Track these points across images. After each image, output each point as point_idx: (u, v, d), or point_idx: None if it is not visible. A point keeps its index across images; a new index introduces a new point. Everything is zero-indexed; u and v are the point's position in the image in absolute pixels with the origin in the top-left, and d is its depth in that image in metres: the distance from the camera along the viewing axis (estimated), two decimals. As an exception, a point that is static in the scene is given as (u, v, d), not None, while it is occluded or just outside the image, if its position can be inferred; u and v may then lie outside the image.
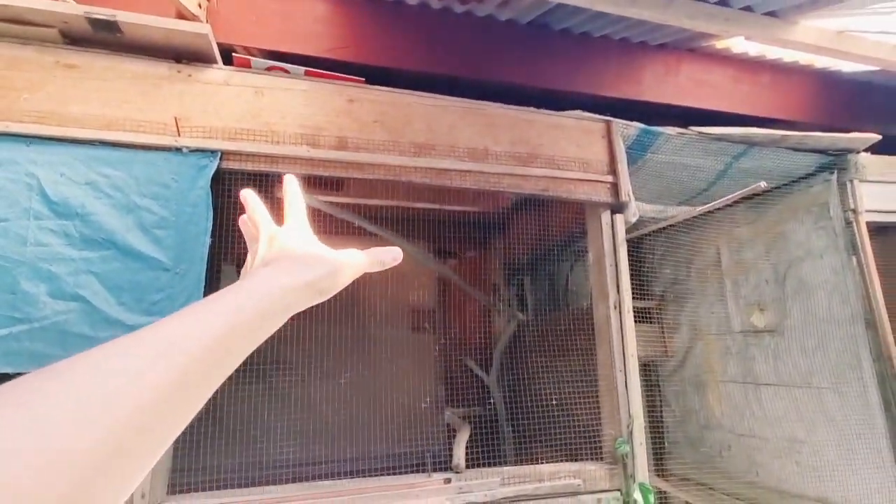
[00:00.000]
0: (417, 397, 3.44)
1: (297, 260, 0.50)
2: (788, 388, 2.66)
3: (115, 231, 1.59)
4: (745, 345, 2.97)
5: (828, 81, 2.88)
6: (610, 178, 2.16)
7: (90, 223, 1.57)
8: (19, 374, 0.30)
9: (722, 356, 3.16)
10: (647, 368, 3.81)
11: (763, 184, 1.77)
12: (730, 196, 1.98)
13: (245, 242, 0.59)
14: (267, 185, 1.87)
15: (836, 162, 2.47)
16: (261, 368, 2.53)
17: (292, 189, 0.59)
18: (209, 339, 0.37)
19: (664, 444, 3.63)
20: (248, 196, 0.59)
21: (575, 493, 1.87)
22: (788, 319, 2.66)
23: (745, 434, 2.97)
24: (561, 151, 2.13)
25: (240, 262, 0.59)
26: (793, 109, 2.85)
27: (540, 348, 3.25)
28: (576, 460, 2.05)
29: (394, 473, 1.80)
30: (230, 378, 0.41)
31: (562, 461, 1.99)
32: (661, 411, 3.70)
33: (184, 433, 0.38)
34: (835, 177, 2.44)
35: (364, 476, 1.77)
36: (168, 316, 0.38)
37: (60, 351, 1.49)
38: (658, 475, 3.47)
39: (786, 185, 2.70)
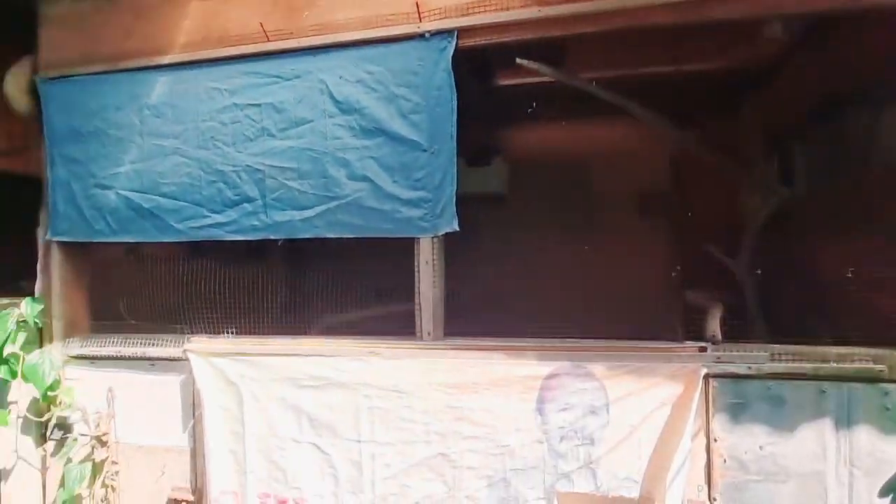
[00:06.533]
0: (650, 284, 3.29)
1: None
2: None
3: (383, 120, 1.86)
4: None
5: None
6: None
7: (365, 116, 1.87)
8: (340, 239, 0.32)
9: None
10: None
11: None
12: None
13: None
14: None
15: None
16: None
17: None
18: None
19: None
20: None
21: (875, 380, 1.56)
22: None
23: None
24: (889, -66, 1.49)
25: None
26: None
27: (821, 224, 2.65)
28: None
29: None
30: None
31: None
32: None
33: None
34: None
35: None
36: None
37: (360, 220, 1.90)
38: None
39: None
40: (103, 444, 2.16)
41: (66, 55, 2.18)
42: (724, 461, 1.67)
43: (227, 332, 2.08)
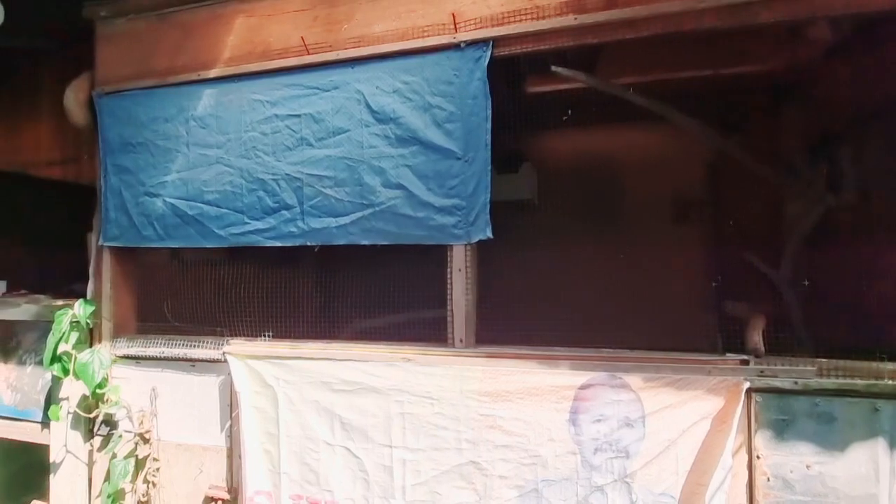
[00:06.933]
0: (689, 294, 3.19)
1: None
2: None
3: (418, 129, 1.89)
4: None
5: None
6: None
7: (400, 125, 1.91)
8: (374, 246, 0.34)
9: None
10: None
11: None
12: None
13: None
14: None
15: None
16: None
17: None
18: None
19: None
20: None
21: (936, 400, 1.47)
22: None
23: None
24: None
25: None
26: None
27: (874, 233, 2.53)
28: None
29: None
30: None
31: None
32: None
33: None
34: None
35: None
36: None
37: (394, 227, 1.93)
38: None
39: None
40: (146, 441, 2.25)
41: (121, 71, 2.32)
42: (768, 480, 1.60)
43: (265, 336, 2.15)
